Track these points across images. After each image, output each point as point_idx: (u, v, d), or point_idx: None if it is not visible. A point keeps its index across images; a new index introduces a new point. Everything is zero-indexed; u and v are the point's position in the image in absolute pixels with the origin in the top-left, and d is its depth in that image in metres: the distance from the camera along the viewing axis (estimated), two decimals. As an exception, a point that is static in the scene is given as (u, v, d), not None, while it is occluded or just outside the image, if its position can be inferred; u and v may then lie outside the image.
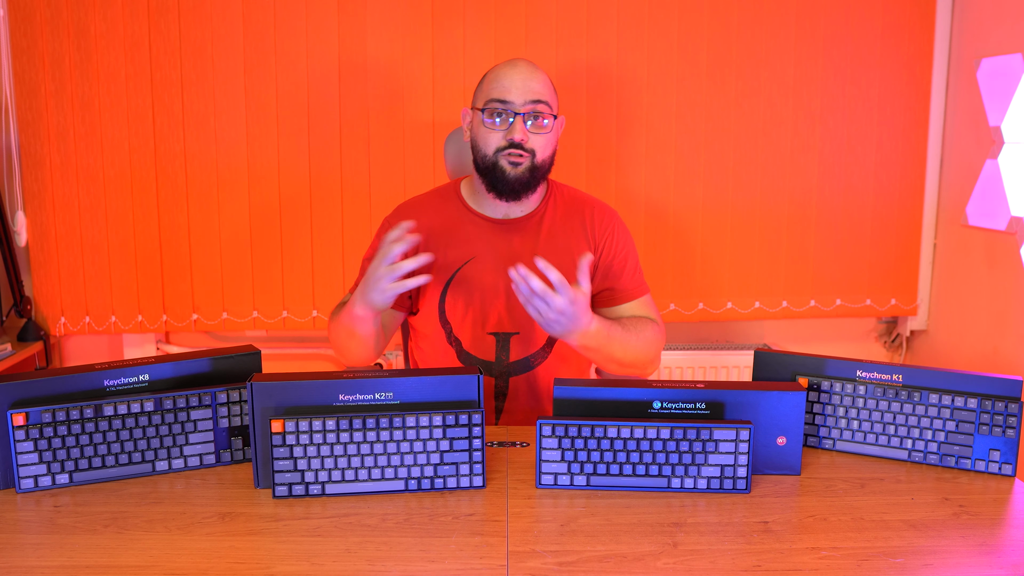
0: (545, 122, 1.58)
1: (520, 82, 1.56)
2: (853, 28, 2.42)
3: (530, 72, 1.58)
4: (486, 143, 1.58)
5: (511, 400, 1.67)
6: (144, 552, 1.09)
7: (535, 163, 1.58)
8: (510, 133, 1.55)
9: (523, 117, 1.56)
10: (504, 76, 1.58)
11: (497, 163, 1.57)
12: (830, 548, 1.10)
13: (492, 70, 1.62)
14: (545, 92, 1.58)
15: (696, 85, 2.43)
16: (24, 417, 1.24)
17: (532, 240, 1.66)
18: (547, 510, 1.20)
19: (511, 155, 1.56)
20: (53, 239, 2.41)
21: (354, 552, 1.09)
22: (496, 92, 1.56)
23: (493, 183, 1.59)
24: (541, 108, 1.57)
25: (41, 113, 2.35)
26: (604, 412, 1.29)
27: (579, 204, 1.72)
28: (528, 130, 1.56)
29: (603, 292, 1.70)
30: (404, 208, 1.72)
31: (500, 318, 1.65)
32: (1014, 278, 2.21)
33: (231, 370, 1.37)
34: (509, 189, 1.58)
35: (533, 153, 1.57)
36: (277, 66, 2.38)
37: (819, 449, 1.41)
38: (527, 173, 1.58)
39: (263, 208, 2.43)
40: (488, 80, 1.60)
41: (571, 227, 1.69)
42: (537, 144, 1.58)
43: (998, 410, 1.31)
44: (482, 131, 1.59)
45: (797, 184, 2.48)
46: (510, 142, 1.55)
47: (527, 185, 1.59)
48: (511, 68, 1.59)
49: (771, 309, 2.54)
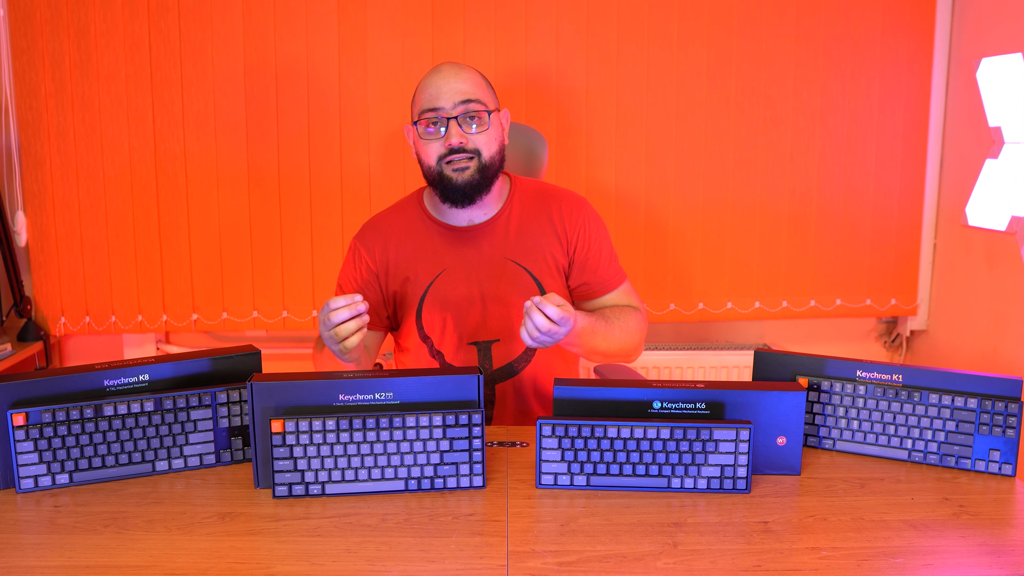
0: (482, 118, 1.55)
1: (446, 85, 1.53)
2: (853, 28, 2.42)
3: (454, 73, 1.55)
4: (427, 154, 1.56)
5: (499, 407, 1.66)
6: (144, 552, 1.09)
7: (482, 163, 1.55)
8: (447, 139, 1.53)
9: (457, 120, 1.53)
10: (430, 84, 1.55)
11: (442, 172, 1.55)
12: (830, 548, 1.10)
13: (420, 81, 1.59)
14: (474, 90, 1.54)
15: (696, 85, 2.43)
16: (24, 417, 1.24)
17: (501, 243, 1.63)
18: (547, 510, 1.20)
19: (454, 162, 1.53)
20: (53, 239, 2.41)
21: (354, 552, 1.09)
22: (426, 102, 1.54)
23: (445, 193, 1.57)
24: (473, 107, 1.53)
25: (41, 113, 2.35)
26: (604, 412, 1.29)
27: (545, 198, 1.67)
28: (465, 132, 1.54)
29: (581, 286, 1.67)
30: (368, 228, 1.70)
31: (478, 327, 1.63)
32: (1014, 278, 2.20)
33: (231, 370, 1.37)
34: (462, 196, 1.56)
35: (478, 153, 1.54)
36: (277, 66, 2.38)
37: (819, 449, 1.41)
38: (476, 175, 1.55)
39: (263, 208, 2.43)
40: (418, 92, 1.58)
41: (540, 224, 1.64)
42: (480, 143, 1.54)
43: (998, 410, 1.31)
44: (421, 144, 1.57)
45: (797, 184, 2.48)
46: (449, 148, 1.53)
47: (479, 187, 1.56)
48: (435, 75, 1.56)
49: (771, 309, 2.54)
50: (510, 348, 1.64)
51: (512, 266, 1.63)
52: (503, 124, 1.62)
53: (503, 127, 1.61)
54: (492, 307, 1.62)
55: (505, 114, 1.63)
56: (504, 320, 1.63)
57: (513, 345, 1.64)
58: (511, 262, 1.63)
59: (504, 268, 1.63)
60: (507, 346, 1.64)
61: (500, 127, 1.60)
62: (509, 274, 1.62)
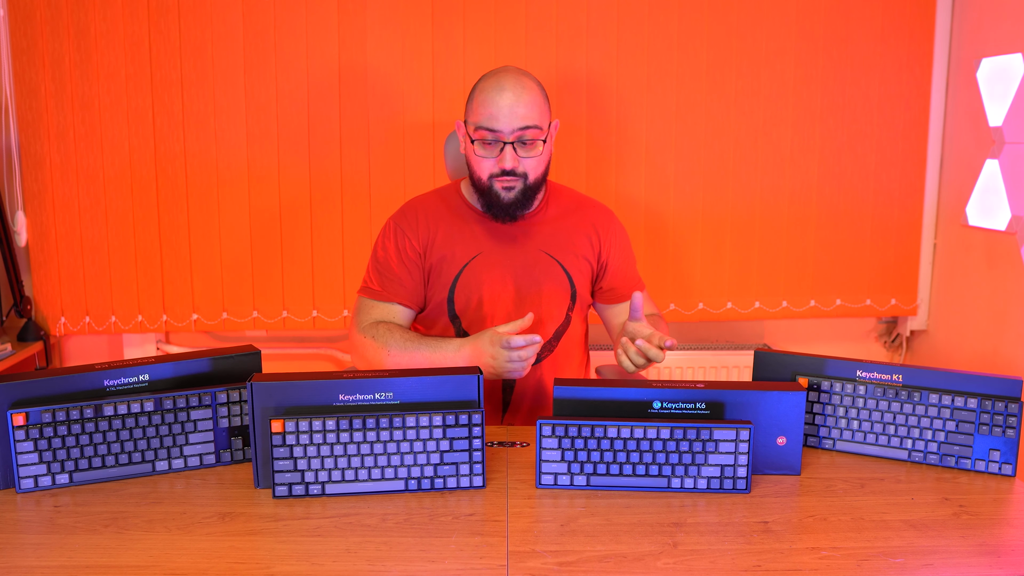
0: (535, 146, 1.58)
1: (507, 109, 1.54)
2: (853, 28, 2.42)
3: (517, 96, 1.55)
4: (479, 168, 1.60)
5: (517, 395, 1.70)
6: (144, 552, 1.09)
7: (527, 184, 1.60)
8: (501, 162, 1.57)
9: (512, 146, 1.56)
10: (491, 103, 1.55)
11: (491, 188, 1.60)
12: (830, 548, 1.10)
13: (481, 89, 1.59)
14: (532, 115, 1.56)
15: (696, 85, 2.43)
16: (24, 417, 1.24)
17: (536, 235, 1.69)
18: (547, 510, 1.20)
19: (503, 181, 1.59)
20: (53, 239, 2.41)
21: (354, 552, 1.09)
22: (484, 120, 1.56)
23: (489, 205, 1.63)
24: (530, 134, 1.56)
25: (41, 113, 2.35)
26: (604, 412, 1.29)
27: (577, 204, 1.75)
28: (518, 155, 1.57)
29: (609, 290, 1.75)
30: (410, 208, 1.72)
31: (508, 311, 1.67)
32: (1014, 278, 2.20)
33: (231, 370, 1.37)
34: (504, 212, 1.63)
35: (525, 176, 1.59)
36: (277, 66, 2.38)
37: (819, 449, 1.41)
38: (520, 195, 1.61)
39: (263, 208, 2.43)
40: (477, 103, 1.58)
41: (572, 226, 1.71)
42: (529, 166, 1.59)
43: (998, 410, 1.31)
44: (473, 156, 1.61)
45: (797, 184, 2.48)
46: (502, 170, 1.57)
47: (522, 205, 1.63)
48: (498, 93, 1.55)
49: (771, 309, 2.54)
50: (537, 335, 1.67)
51: (545, 258, 1.68)
52: (552, 139, 1.65)
53: (551, 145, 1.65)
54: (523, 293, 1.67)
55: (555, 126, 1.66)
56: (533, 307, 1.67)
57: (539, 333, 1.68)
58: (545, 254, 1.68)
59: (538, 259, 1.68)
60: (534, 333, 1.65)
61: (550, 148, 1.64)
62: (542, 265, 1.68)
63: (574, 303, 1.71)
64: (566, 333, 1.71)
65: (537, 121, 1.57)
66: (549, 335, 1.69)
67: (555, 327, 1.70)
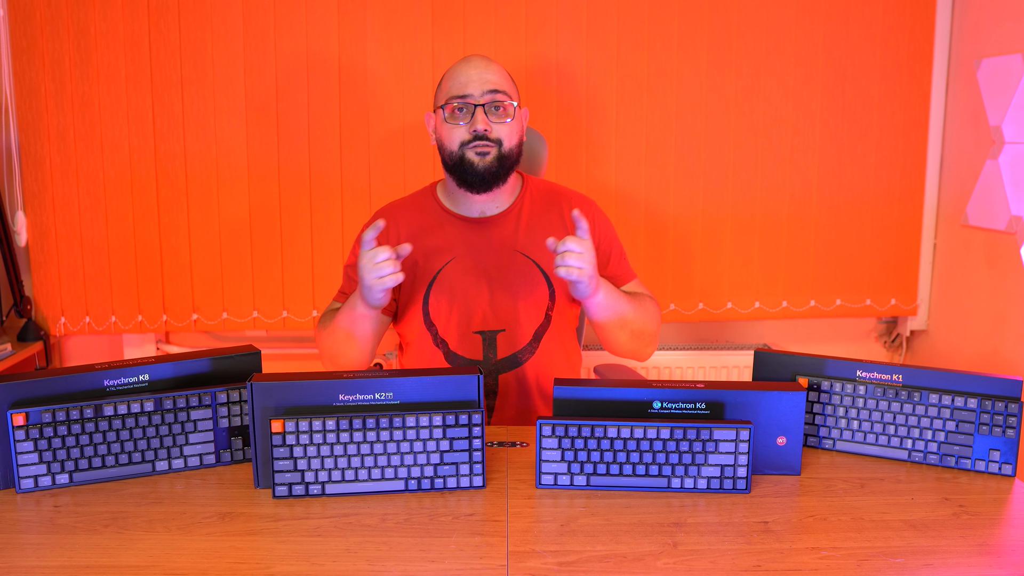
0: (507, 109, 1.60)
1: (476, 75, 1.58)
2: (853, 28, 2.42)
3: (485, 64, 1.61)
4: (451, 139, 1.60)
5: (501, 398, 1.68)
6: (144, 552, 1.09)
7: (502, 152, 1.59)
8: (472, 125, 1.57)
9: (483, 108, 1.57)
10: (460, 72, 1.60)
11: (464, 156, 1.59)
12: (830, 548, 1.10)
13: (449, 70, 1.65)
14: (502, 82, 1.60)
15: (696, 85, 2.43)
16: (24, 417, 1.24)
17: (511, 236, 1.66)
18: (547, 510, 1.20)
19: (477, 147, 1.58)
20: (53, 239, 2.41)
21: (354, 552, 1.09)
22: (455, 89, 1.59)
23: (463, 177, 1.60)
24: (500, 98, 1.58)
25: (41, 113, 2.35)
26: (604, 412, 1.29)
27: (555, 196, 1.72)
28: (490, 120, 1.58)
29: None
30: (382, 214, 1.72)
31: (485, 316, 1.65)
32: (1014, 278, 2.21)
33: (231, 370, 1.37)
34: (480, 180, 1.59)
35: (499, 142, 1.59)
36: (277, 66, 2.38)
37: (819, 449, 1.41)
38: (495, 163, 1.59)
39: (263, 208, 2.43)
40: (446, 79, 1.63)
41: (550, 220, 1.69)
42: (502, 133, 1.59)
43: (998, 410, 1.31)
44: (445, 128, 1.60)
45: (797, 184, 2.48)
46: (474, 134, 1.57)
47: (496, 175, 1.60)
48: (466, 64, 1.62)
49: (771, 309, 2.54)
50: (515, 339, 1.66)
51: (521, 258, 1.66)
52: (523, 121, 1.67)
53: (522, 124, 1.67)
54: (499, 297, 1.64)
55: (525, 112, 1.69)
56: (510, 310, 1.65)
57: (518, 336, 1.66)
58: (520, 254, 1.66)
59: (513, 260, 1.66)
60: (512, 337, 1.65)
61: (520, 123, 1.65)
62: (518, 266, 1.65)
63: (553, 302, 1.67)
64: (547, 333, 1.68)
65: (506, 88, 1.60)
66: (528, 338, 1.66)
67: (534, 328, 1.66)
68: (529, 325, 1.66)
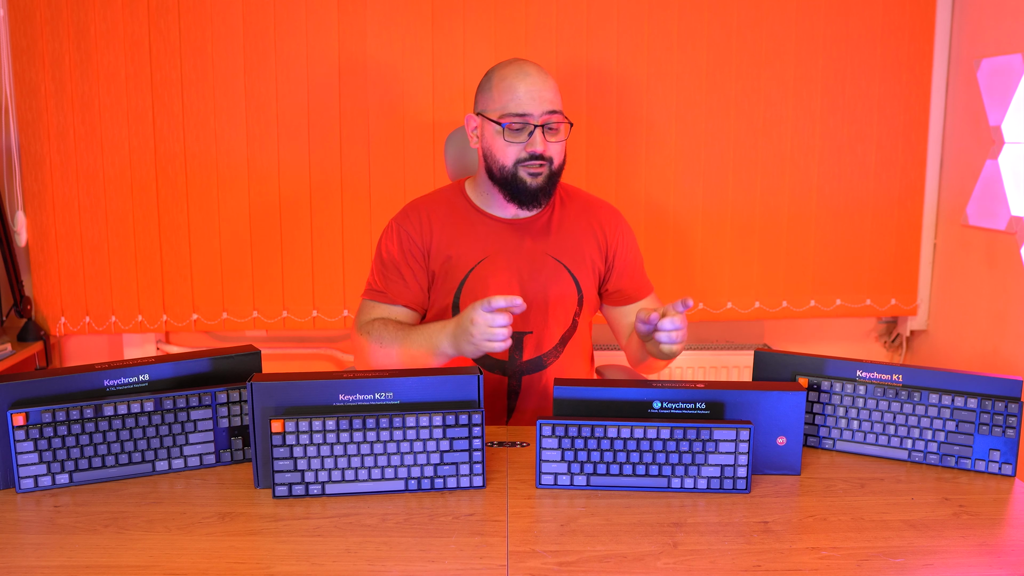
0: (561, 131, 1.59)
1: (536, 93, 1.56)
2: (853, 28, 2.42)
3: (543, 81, 1.58)
4: (504, 155, 1.58)
5: (523, 399, 1.68)
6: (144, 552, 1.09)
7: (552, 170, 1.60)
8: (531, 146, 1.56)
9: (542, 129, 1.56)
10: (518, 86, 1.56)
11: (517, 174, 1.58)
12: (830, 548, 1.10)
13: (501, 77, 1.59)
14: (557, 100, 1.59)
15: (696, 85, 2.43)
16: (24, 417, 1.24)
17: (543, 239, 1.67)
18: (547, 510, 1.20)
19: (531, 166, 1.57)
20: (53, 239, 2.41)
21: (354, 552, 1.09)
22: (513, 105, 1.55)
23: (514, 194, 1.60)
24: (557, 119, 1.58)
25: (41, 113, 2.35)
26: (604, 412, 1.29)
27: (585, 204, 1.74)
28: (547, 140, 1.57)
29: (616, 292, 1.73)
30: (412, 208, 1.70)
31: (514, 317, 1.65)
32: (1014, 278, 2.20)
33: (231, 370, 1.37)
34: (531, 198, 1.60)
35: (551, 161, 1.59)
36: (277, 66, 2.38)
37: (819, 449, 1.41)
38: (546, 181, 1.59)
39: (263, 208, 2.43)
40: (500, 89, 1.58)
41: (580, 227, 1.70)
42: (555, 152, 1.59)
43: (998, 410, 1.31)
44: (499, 142, 1.58)
45: (797, 184, 2.48)
46: (531, 154, 1.56)
47: (547, 193, 1.61)
48: (524, 78, 1.57)
49: (771, 309, 2.54)
50: (541, 341, 1.67)
51: (552, 262, 1.67)
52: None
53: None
54: (530, 299, 1.64)
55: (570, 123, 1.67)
56: (539, 313, 1.66)
57: (544, 339, 1.67)
58: (551, 258, 1.67)
59: (544, 263, 1.67)
60: (539, 339, 1.66)
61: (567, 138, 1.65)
62: (549, 269, 1.66)
63: (581, 308, 1.69)
64: (572, 338, 1.70)
65: (560, 107, 1.59)
66: (555, 341, 1.68)
67: (562, 332, 1.68)
68: (557, 329, 1.67)
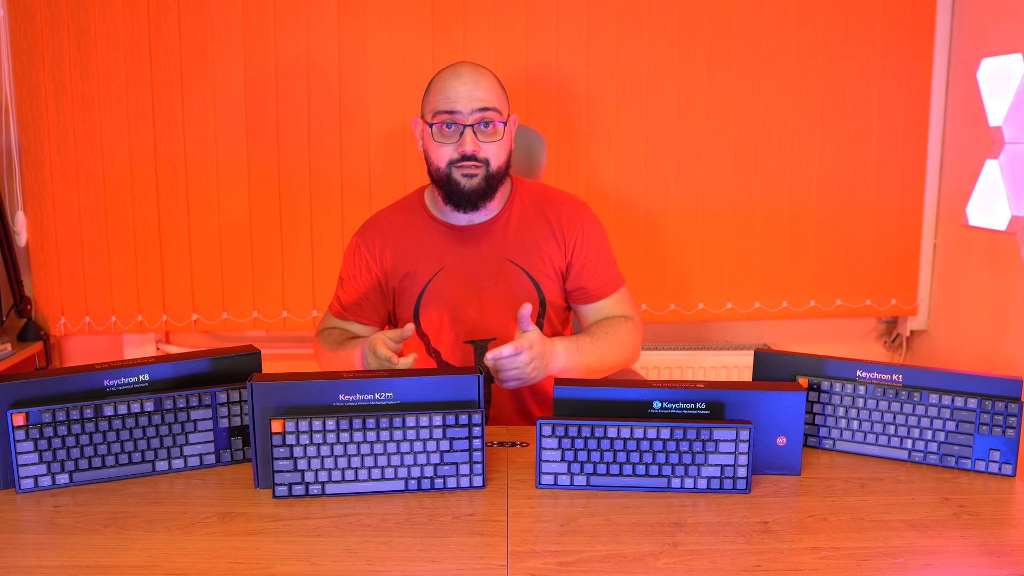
0: (496, 128, 1.56)
1: (466, 92, 1.53)
2: (853, 28, 2.42)
3: (475, 79, 1.54)
4: (438, 156, 1.56)
5: (495, 407, 1.67)
6: (144, 552, 1.09)
7: (490, 172, 1.56)
8: (461, 146, 1.53)
9: (472, 128, 1.53)
10: (448, 87, 1.54)
11: (451, 176, 1.56)
12: (830, 548, 1.10)
13: (436, 79, 1.58)
14: (492, 98, 1.55)
15: (696, 85, 2.43)
16: (24, 417, 1.24)
17: (500, 244, 1.64)
18: (547, 510, 1.20)
19: (464, 167, 1.54)
20: (53, 239, 2.41)
21: (354, 552, 1.09)
22: (443, 104, 1.53)
23: (449, 195, 1.58)
24: (490, 115, 1.54)
25: (41, 113, 2.35)
26: (604, 412, 1.29)
27: (545, 201, 1.68)
28: (479, 139, 1.54)
29: (577, 290, 1.68)
30: (370, 226, 1.71)
31: (475, 325, 1.64)
32: (1014, 278, 2.21)
33: (231, 370, 1.37)
34: (466, 201, 1.57)
35: (487, 162, 1.55)
36: (277, 66, 2.38)
37: (819, 449, 1.41)
38: (483, 183, 1.56)
39: (263, 208, 2.43)
40: (433, 91, 1.57)
41: (539, 226, 1.66)
42: (490, 152, 1.55)
43: (998, 410, 1.31)
44: (432, 144, 1.57)
45: (797, 184, 2.48)
46: (462, 155, 1.54)
47: (484, 195, 1.58)
48: (455, 78, 1.55)
49: (771, 309, 2.54)
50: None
51: (510, 266, 1.64)
52: (512, 130, 1.63)
53: (512, 134, 1.63)
54: (489, 306, 1.63)
55: (514, 119, 1.64)
56: (501, 319, 1.63)
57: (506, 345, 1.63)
58: (509, 262, 1.64)
59: (502, 268, 1.64)
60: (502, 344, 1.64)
61: (510, 135, 1.61)
62: (507, 274, 1.63)
63: (543, 311, 1.66)
64: None
65: (496, 105, 1.55)
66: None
67: None
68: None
